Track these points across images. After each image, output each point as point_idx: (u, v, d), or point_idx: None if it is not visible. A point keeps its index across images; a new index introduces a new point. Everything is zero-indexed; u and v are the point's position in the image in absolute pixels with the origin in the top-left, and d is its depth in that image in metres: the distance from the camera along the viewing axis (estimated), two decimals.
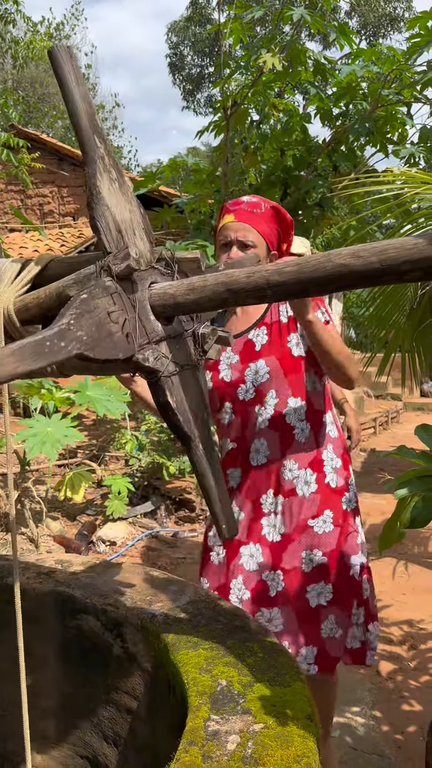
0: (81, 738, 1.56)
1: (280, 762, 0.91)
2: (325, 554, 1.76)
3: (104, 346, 0.94)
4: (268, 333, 1.81)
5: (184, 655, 1.23)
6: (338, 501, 1.81)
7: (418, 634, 3.08)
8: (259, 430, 1.79)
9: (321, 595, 1.76)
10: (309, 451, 1.80)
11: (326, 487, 1.79)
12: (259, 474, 1.79)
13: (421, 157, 5.26)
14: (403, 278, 0.85)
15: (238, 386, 1.81)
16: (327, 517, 1.78)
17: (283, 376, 1.77)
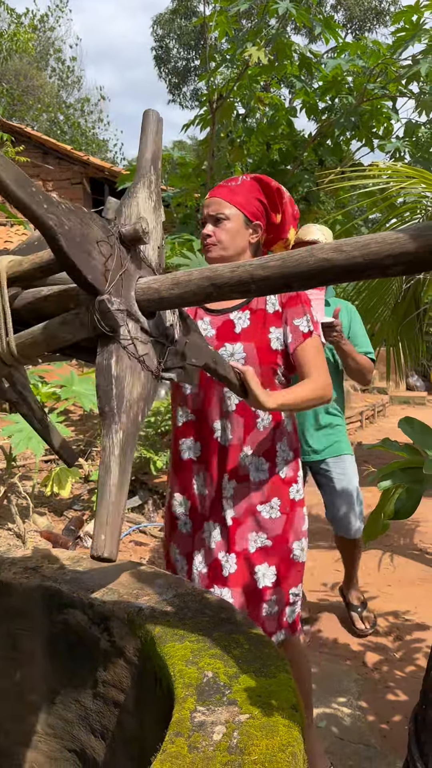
0: (69, 732, 1.57)
1: (266, 751, 0.92)
2: (270, 538, 1.84)
3: (78, 253, 0.93)
4: (250, 318, 1.81)
5: (170, 647, 1.24)
6: (286, 490, 1.88)
7: (404, 625, 3.11)
8: (227, 412, 1.81)
9: (266, 577, 1.83)
10: (266, 441, 1.84)
11: (276, 478, 1.86)
12: (224, 455, 1.83)
13: (407, 151, 5.28)
14: (386, 272, 0.86)
15: None
16: (275, 504, 1.84)
17: (257, 365, 1.78)
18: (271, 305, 1.81)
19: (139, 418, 1.00)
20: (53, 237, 0.90)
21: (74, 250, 0.93)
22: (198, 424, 1.86)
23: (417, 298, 4.09)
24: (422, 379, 13.76)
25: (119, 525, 0.88)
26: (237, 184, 1.82)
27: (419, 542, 4.33)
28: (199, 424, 1.85)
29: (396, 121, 5.41)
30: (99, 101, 22.40)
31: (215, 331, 1.83)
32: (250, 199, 1.81)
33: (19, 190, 0.86)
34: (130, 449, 0.95)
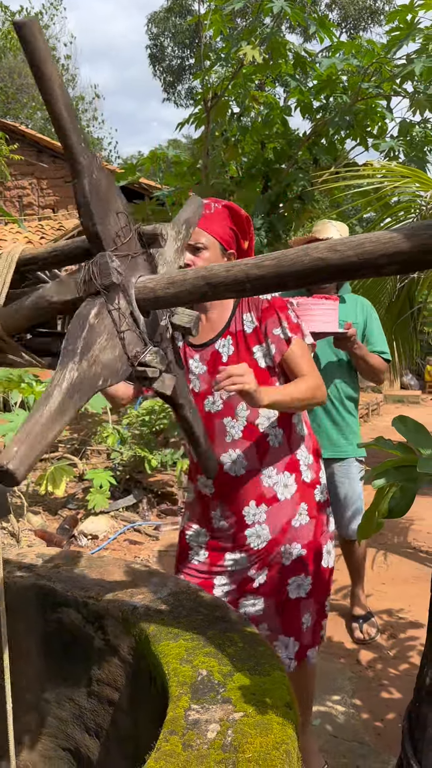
0: (63, 730, 1.57)
1: (260, 749, 0.93)
2: (304, 546, 1.83)
3: (96, 202, 0.98)
4: (234, 343, 1.81)
5: (165, 646, 1.24)
6: (311, 493, 1.87)
7: (398, 623, 3.13)
8: (233, 442, 1.80)
9: (300, 588, 1.82)
10: (285, 455, 1.83)
11: (302, 483, 1.86)
12: (239, 485, 1.81)
13: (401, 150, 5.28)
14: (381, 272, 0.86)
15: (206, 398, 1.81)
16: (303, 510, 1.84)
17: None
18: (249, 324, 1.80)
19: (99, 382, 0.94)
20: (79, 172, 0.94)
21: (94, 197, 0.97)
22: None
23: (411, 297, 4.11)
24: (416, 377, 13.80)
25: (38, 450, 0.80)
26: (211, 212, 1.80)
27: (413, 540, 4.35)
28: None
29: (390, 121, 5.41)
30: (93, 99, 22.36)
31: (206, 367, 1.82)
32: (224, 227, 1.81)
33: (68, 114, 0.91)
34: (78, 396, 0.88)
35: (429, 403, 11.42)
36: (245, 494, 1.81)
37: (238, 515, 1.82)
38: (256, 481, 1.81)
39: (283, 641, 1.82)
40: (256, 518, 1.81)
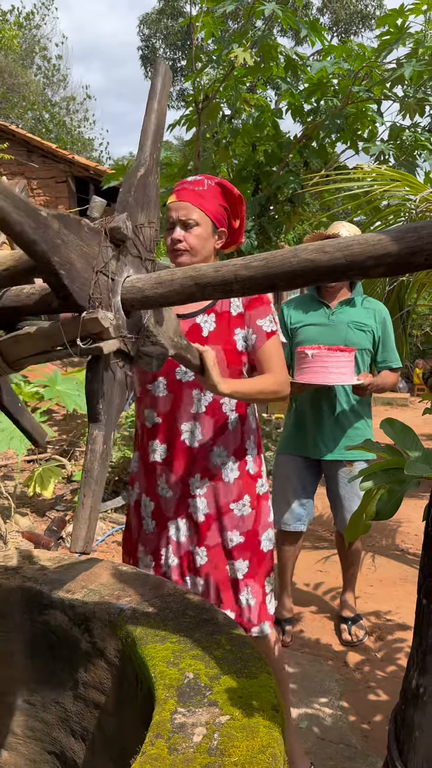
0: (48, 734, 1.56)
1: (246, 753, 0.92)
2: (243, 534, 1.90)
3: (70, 280, 0.96)
4: (216, 321, 1.84)
5: (151, 648, 1.23)
6: (254, 486, 1.94)
7: (385, 625, 3.13)
8: (196, 414, 1.84)
9: (239, 570, 1.89)
10: (235, 440, 1.89)
11: (246, 474, 1.92)
12: (190, 456, 1.86)
13: (391, 154, 5.31)
14: (368, 274, 0.86)
15: (177, 365, 1.83)
16: (246, 501, 1.91)
17: (225, 367, 1.80)
18: (235, 308, 1.85)
19: (116, 413, 1.09)
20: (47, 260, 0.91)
21: (68, 280, 0.94)
22: (166, 427, 1.87)
23: (401, 300, 4.12)
24: (405, 380, 13.86)
25: (95, 526, 0.98)
26: (204, 189, 1.81)
27: (401, 542, 4.36)
28: (167, 427, 1.87)
29: (381, 124, 5.44)
30: (84, 100, 22.32)
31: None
32: (216, 205, 1.82)
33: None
34: (107, 451, 1.06)
35: (417, 405, 11.47)
36: (193, 466, 1.86)
37: (183, 483, 1.87)
38: (206, 456, 1.85)
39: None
40: (199, 491, 1.86)
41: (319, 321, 2.89)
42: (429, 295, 6.63)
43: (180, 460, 1.86)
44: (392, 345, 2.93)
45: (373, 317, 2.89)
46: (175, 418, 1.85)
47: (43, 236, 0.87)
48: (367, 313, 2.90)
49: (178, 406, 1.84)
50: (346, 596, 3.15)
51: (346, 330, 2.84)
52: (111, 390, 1.08)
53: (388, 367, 2.92)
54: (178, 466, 1.87)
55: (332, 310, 2.90)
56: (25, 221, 0.84)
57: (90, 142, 22.43)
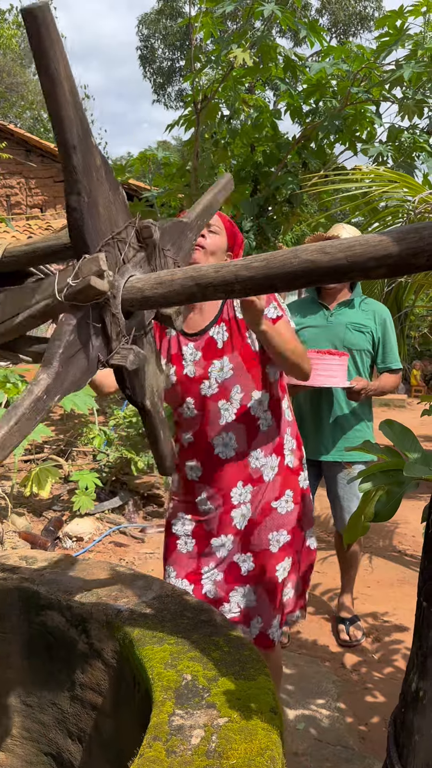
0: (45, 735, 1.55)
1: (244, 755, 0.92)
2: (290, 532, 1.91)
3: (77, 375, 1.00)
4: (228, 329, 1.85)
5: (149, 650, 1.23)
6: (296, 480, 1.95)
7: (383, 626, 3.13)
8: (226, 425, 1.84)
9: (285, 570, 1.91)
10: (272, 438, 1.89)
11: (286, 468, 1.92)
12: (228, 467, 1.86)
13: (389, 156, 5.31)
14: (369, 275, 0.86)
15: (202, 382, 1.85)
16: (288, 497, 1.91)
17: (246, 371, 1.83)
18: (239, 310, 1.85)
19: (71, 387, 1.03)
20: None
21: (87, 212, 0.97)
22: (197, 445, 1.88)
23: (399, 301, 4.12)
24: (403, 382, 13.87)
25: (13, 441, 0.89)
26: (224, 214, 1.91)
27: (398, 544, 4.36)
28: (198, 445, 1.88)
29: (379, 126, 5.44)
30: (83, 99, 22.28)
31: (201, 353, 1.86)
32: (231, 229, 1.89)
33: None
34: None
35: (415, 407, 11.47)
36: (233, 476, 1.86)
37: (225, 497, 1.87)
38: (245, 462, 1.86)
39: (276, 623, 1.91)
40: (242, 498, 1.87)
41: (317, 323, 2.89)
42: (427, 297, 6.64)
43: (218, 474, 1.86)
44: (393, 346, 2.92)
45: (372, 318, 2.88)
46: (206, 434, 1.86)
47: (83, 151, 0.91)
48: (366, 314, 2.89)
49: (206, 422, 1.85)
50: (344, 597, 3.15)
51: (345, 331, 2.83)
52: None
53: (387, 368, 2.91)
54: (217, 480, 1.87)
55: (331, 312, 2.89)
56: (77, 126, 0.89)
57: None
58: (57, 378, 0.95)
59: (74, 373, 0.99)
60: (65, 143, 0.91)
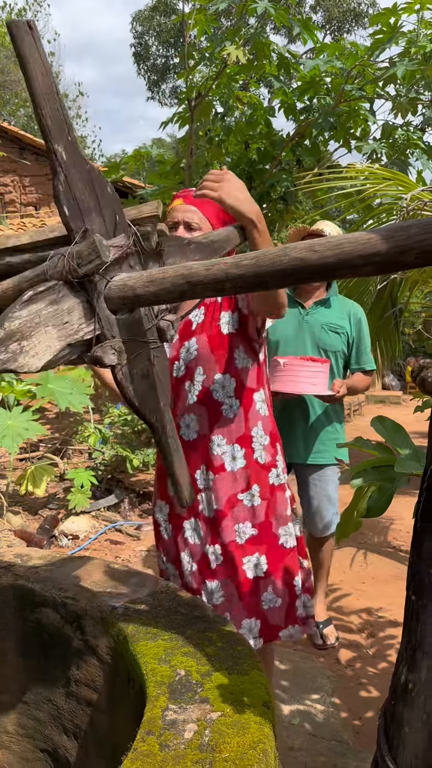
0: (41, 731, 1.56)
1: (236, 749, 0.93)
2: (255, 526, 1.85)
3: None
4: (204, 312, 1.85)
5: (143, 646, 1.24)
6: (266, 476, 1.89)
7: (377, 622, 3.15)
8: (189, 406, 1.83)
9: (257, 567, 1.84)
10: (237, 427, 1.85)
11: (255, 463, 1.86)
12: (191, 450, 1.83)
13: (383, 153, 5.32)
14: (358, 272, 0.87)
15: (174, 363, 1.85)
16: (255, 491, 1.85)
17: (209, 353, 1.80)
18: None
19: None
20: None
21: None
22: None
23: (393, 297, 4.13)
24: (398, 378, 13.91)
25: (188, 479, 1.25)
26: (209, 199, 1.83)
27: (393, 539, 4.38)
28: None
29: (373, 123, 5.45)
30: (77, 97, 22.24)
31: (178, 335, 1.86)
32: (219, 216, 1.82)
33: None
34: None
35: (410, 403, 11.51)
36: (196, 459, 1.83)
37: (191, 479, 1.82)
38: (206, 447, 1.83)
39: (247, 625, 1.82)
40: (205, 484, 1.83)
41: (292, 321, 2.84)
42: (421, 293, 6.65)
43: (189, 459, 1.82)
44: (367, 347, 2.90)
45: (348, 319, 2.86)
46: (174, 415, 1.84)
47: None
48: (342, 314, 2.86)
49: (176, 402, 1.84)
50: (315, 598, 3.07)
51: (320, 332, 2.80)
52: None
53: (361, 369, 2.90)
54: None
55: (307, 311, 2.85)
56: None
57: (82, 140, 22.35)
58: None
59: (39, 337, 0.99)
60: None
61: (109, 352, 1.03)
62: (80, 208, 1.06)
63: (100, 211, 1.10)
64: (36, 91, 0.96)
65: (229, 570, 1.82)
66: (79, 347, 1.05)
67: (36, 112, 0.97)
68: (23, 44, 0.95)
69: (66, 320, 1.02)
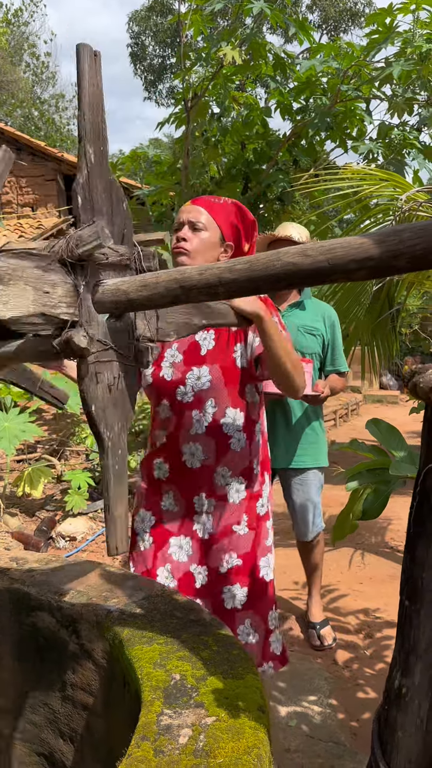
0: (37, 735, 1.55)
1: (231, 754, 0.93)
2: (240, 556, 1.82)
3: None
4: (215, 339, 1.79)
5: (138, 650, 1.24)
6: (253, 506, 1.87)
7: (374, 622, 3.15)
8: (195, 435, 1.79)
9: (235, 598, 1.81)
10: (242, 460, 1.83)
11: (248, 492, 1.86)
12: (193, 476, 1.81)
13: (380, 153, 5.32)
14: (351, 277, 0.87)
15: (178, 387, 1.80)
16: (244, 521, 1.83)
17: (223, 386, 1.77)
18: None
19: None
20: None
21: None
22: (168, 447, 1.83)
23: (390, 298, 4.14)
24: (395, 378, 13.91)
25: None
26: (219, 202, 1.79)
27: (390, 540, 4.38)
28: (170, 447, 1.83)
29: (369, 123, 5.46)
30: (74, 97, 22.20)
31: (182, 356, 1.81)
32: (229, 219, 1.78)
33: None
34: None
35: (408, 403, 11.51)
36: (197, 485, 1.81)
37: (188, 502, 1.82)
38: (210, 476, 1.80)
39: None
40: (205, 508, 1.81)
41: None
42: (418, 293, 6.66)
43: (183, 480, 1.82)
44: (341, 349, 2.91)
45: (322, 321, 2.85)
46: (177, 439, 1.81)
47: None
48: (317, 316, 2.86)
49: (180, 427, 1.80)
50: (311, 602, 3.10)
51: (297, 334, 2.79)
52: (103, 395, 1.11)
53: (336, 371, 2.90)
54: (181, 485, 1.83)
55: (281, 314, 2.84)
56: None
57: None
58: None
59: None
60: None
61: (81, 333, 1.02)
62: (93, 207, 1.10)
63: (111, 219, 1.14)
64: (84, 101, 1.10)
65: (211, 592, 1.82)
66: (50, 324, 1.02)
67: (78, 116, 1.10)
68: (84, 64, 1.11)
69: (47, 290, 1.02)
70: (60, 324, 1.03)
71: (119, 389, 1.14)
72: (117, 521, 1.12)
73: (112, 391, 1.13)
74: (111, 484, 1.11)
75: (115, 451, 1.12)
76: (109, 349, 1.10)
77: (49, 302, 1.01)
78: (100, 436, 1.10)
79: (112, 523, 1.12)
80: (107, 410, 1.11)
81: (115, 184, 1.15)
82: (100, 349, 1.08)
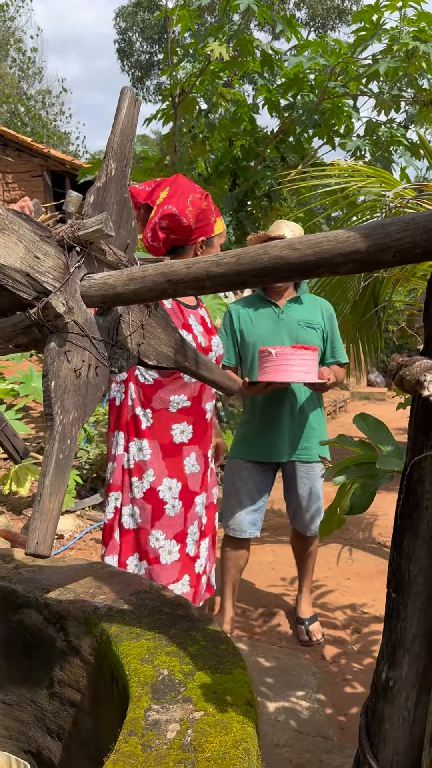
0: (24, 733, 1.55)
1: (219, 748, 0.92)
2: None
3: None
4: (207, 314, 2.12)
5: (126, 646, 1.23)
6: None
7: (362, 618, 3.16)
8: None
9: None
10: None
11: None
12: (210, 430, 2.11)
13: (367, 150, 5.34)
14: (337, 271, 0.87)
15: (207, 354, 2.02)
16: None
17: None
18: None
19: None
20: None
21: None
22: (192, 409, 2.02)
23: (376, 295, 4.15)
24: (382, 375, 13.98)
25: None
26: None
27: (378, 536, 4.40)
28: (193, 409, 2.02)
29: (357, 120, 5.47)
30: (60, 93, 22.08)
31: (202, 327, 2.05)
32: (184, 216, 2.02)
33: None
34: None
35: (394, 400, 11.57)
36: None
37: (205, 457, 2.10)
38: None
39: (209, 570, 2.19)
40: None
41: (268, 321, 2.85)
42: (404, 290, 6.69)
43: (205, 436, 2.08)
44: (340, 340, 2.95)
45: (320, 314, 2.88)
46: (201, 399, 2.04)
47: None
48: (315, 310, 2.88)
49: (203, 389, 2.03)
50: (301, 597, 3.11)
51: (297, 328, 2.81)
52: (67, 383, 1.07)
53: (337, 362, 2.92)
54: (203, 441, 2.07)
55: (281, 309, 2.85)
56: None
57: (66, 136, 22.20)
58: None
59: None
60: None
61: (61, 300, 1.01)
62: (102, 210, 1.16)
63: (117, 229, 1.21)
64: (118, 127, 1.23)
65: (210, 528, 2.17)
66: (32, 289, 1.01)
67: (110, 137, 1.23)
68: (124, 103, 1.24)
69: (39, 256, 1.03)
70: (42, 292, 1.03)
71: (87, 378, 1.09)
72: (45, 516, 0.99)
73: (79, 377, 1.06)
74: (49, 473, 0.99)
75: (64, 440, 1.02)
76: (85, 336, 1.09)
77: (38, 267, 1.02)
78: (52, 418, 1.01)
79: (41, 516, 0.98)
80: (67, 393, 1.04)
81: (128, 202, 1.23)
82: (76, 331, 1.06)
